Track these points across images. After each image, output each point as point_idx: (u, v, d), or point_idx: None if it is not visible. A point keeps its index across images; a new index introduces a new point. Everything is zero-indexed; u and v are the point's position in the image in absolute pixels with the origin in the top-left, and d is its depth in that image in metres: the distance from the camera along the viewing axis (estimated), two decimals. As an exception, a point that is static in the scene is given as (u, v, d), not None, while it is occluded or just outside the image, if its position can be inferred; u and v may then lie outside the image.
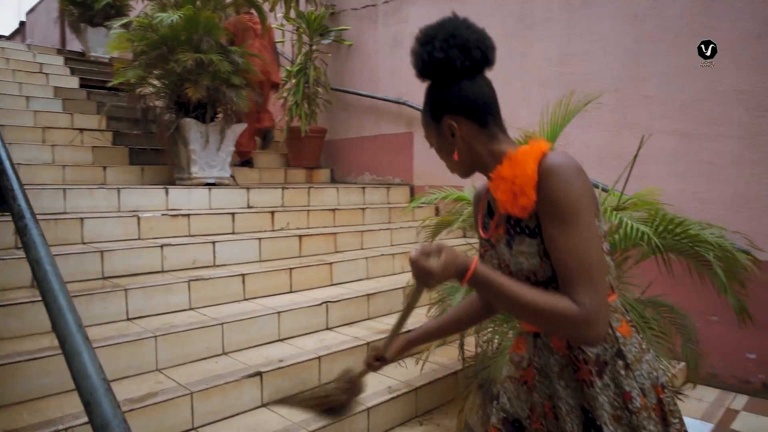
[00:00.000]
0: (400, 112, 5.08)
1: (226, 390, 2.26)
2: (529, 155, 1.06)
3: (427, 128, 1.23)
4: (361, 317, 3.15)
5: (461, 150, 1.16)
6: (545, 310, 0.98)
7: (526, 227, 1.10)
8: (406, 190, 5.02)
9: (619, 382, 1.08)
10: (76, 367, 1.03)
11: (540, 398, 1.19)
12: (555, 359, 1.14)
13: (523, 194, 1.04)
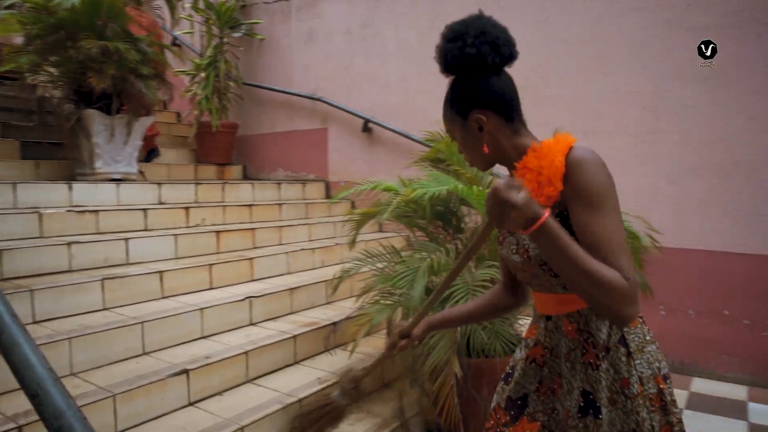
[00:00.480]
0: (314, 107, 5.08)
1: (151, 390, 2.16)
2: (557, 148, 1.12)
3: (452, 123, 1.24)
4: (284, 312, 3.13)
5: (488, 143, 1.20)
6: (599, 275, 1.00)
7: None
8: (322, 186, 5.02)
9: (619, 368, 1.17)
10: (18, 358, 0.97)
11: (551, 374, 1.27)
12: (564, 342, 1.23)
13: (549, 184, 1.10)
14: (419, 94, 4.53)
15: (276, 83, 5.27)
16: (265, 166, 5.46)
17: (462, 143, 1.25)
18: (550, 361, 1.28)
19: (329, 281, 3.41)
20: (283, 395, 2.39)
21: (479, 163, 1.27)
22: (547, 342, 1.28)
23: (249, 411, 2.23)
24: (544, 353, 1.29)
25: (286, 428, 2.30)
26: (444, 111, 1.26)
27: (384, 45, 4.68)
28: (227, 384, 2.45)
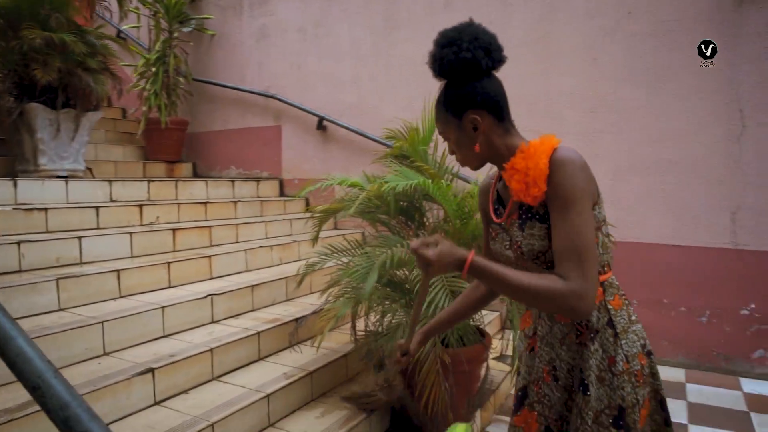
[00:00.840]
0: (267, 105, 5.05)
1: (117, 390, 2.12)
2: (541, 150, 1.20)
3: (446, 124, 1.31)
4: (246, 309, 3.11)
5: (482, 143, 1.27)
6: (535, 288, 1.11)
7: (536, 213, 1.24)
8: (276, 183, 5.00)
9: (606, 348, 1.26)
10: (14, 351, 0.96)
11: (540, 363, 1.35)
12: (558, 327, 1.31)
13: (535, 185, 1.18)
14: (373, 93, 4.59)
15: (228, 80, 5.21)
16: (216, 163, 5.38)
17: (456, 143, 1.31)
18: (541, 350, 1.36)
19: (289, 278, 3.43)
20: (250, 391, 2.39)
21: (472, 162, 1.33)
22: (539, 330, 1.37)
23: (218, 408, 2.22)
24: (537, 341, 1.37)
25: (255, 424, 2.31)
26: (437, 113, 1.33)
27: (338, 44, 4.72)
28: (193, 382, 2.43)
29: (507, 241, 1.33)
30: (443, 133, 1.34)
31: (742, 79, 3.44)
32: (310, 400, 2.66)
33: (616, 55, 3.79)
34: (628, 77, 3.76)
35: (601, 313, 1.29)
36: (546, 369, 1.35)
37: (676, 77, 3.64)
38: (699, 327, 3.61)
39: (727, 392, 3.28)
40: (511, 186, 1.24)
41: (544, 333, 1.35)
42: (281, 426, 2.41)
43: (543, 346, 1.36)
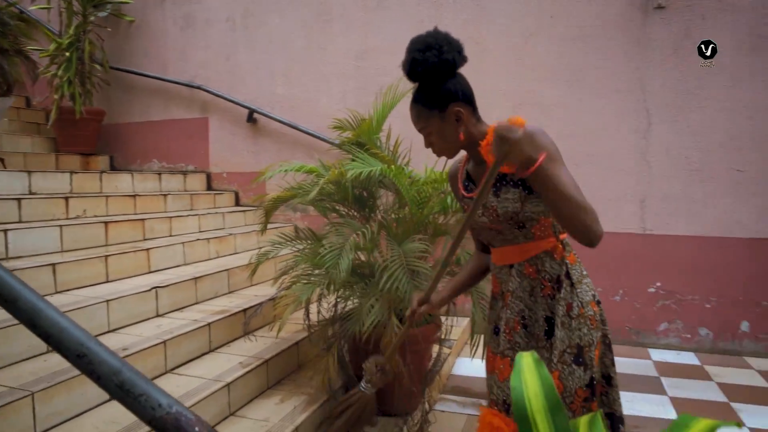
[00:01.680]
0: (193, 96, 4.89)
1: (72, 387, 2.02)
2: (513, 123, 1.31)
3: (428, 119, 1.48)
4: (190, 302, 3.03)
5: (463, 132, 1.46)
6: (581, 199, 1.27)
7: (510, 180, 1.43)
8: (203, 177, 4.86)
9: (565, 296, 1.44)
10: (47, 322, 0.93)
11: (511, 314, 1.51)
12: (527, 281, 1.48)
13: None
14: (306, 86, 4.60)
15: (149, 69, 4.98)
16: (136, 157, 5.13)
17: (439, 134, 1.49)
18: (512, 303, 1.52)
19: (231, 270, 3.38)
20: (209, 381, 2.35)
21: (451, 151, 1.52)
22: (510, 287, 1.53)
23: (179, 399, 2.17)
24: (509, 296, 1.53)
25: (217, 413, 2.28)
26: (417, 111, 1.50)
27: (269, 36, 4.67)
28: (147, 375, 2.34)
29: (481, 210, 1.51)
30: (424, 129, 1.51)
31: (649, 81, 3.84)
32: (267, 388, 2.65)
33: (538, 55, 4.07)
34: (549, 76, 4.06)
35: (561, 266, 1.48)
36: (516, 319, 1.51)
37: (592, 78, 3.98)
38: (613, 305, 3.98)
39: (640, 362, 3.66)
40: (488, 159, 1.37)
41: (515, 287, 1.52)
42: (242, 414, 2.39)
43: (513, 299, 1.52)
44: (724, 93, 3.71)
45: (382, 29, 4.38)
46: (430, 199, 2.39)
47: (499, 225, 1.48)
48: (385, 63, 4.38)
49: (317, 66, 4.56)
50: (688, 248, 3.84)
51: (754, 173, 3.70)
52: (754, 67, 3.68)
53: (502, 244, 1.53)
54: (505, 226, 1.48)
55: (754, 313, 3.75)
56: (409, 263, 2.11)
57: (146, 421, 0.82)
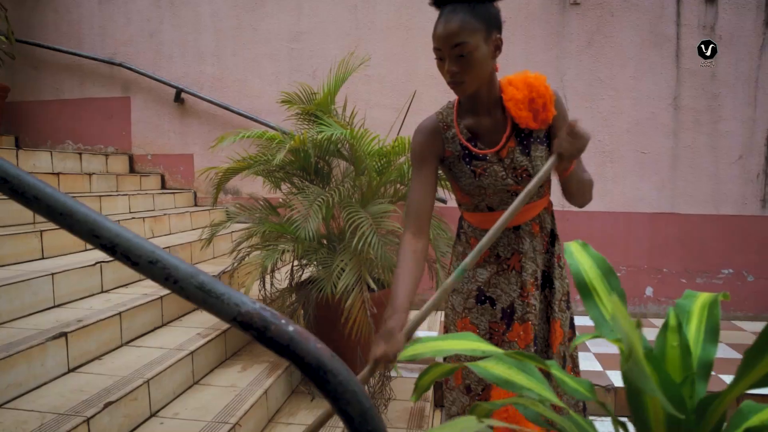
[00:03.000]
0: (112, 74, 4.64)
1: (31, 356, 1.91)
2: (540, 80, 1.39)
3: (473, 34, 1.28)
4: (134, 278, 2.92)
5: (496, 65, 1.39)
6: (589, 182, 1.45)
7: (537, 137, 1.43)
8: (125, 159, 4.62)
9: (556, 250, 1.56)
10: (112, 232, 0.93)
11: (527, 276, 1.49)
12: (537, 240, 1.51)
13: (545, 110, 1.38)
14: (237, 66, 4.53)
15: (61, 43, 4.64)
16: (47, 137, 4.76)
17: (473, 58, 1.30)
18: (526, 265, 1.49)
19: (172, 247, 3.28)
20: (172, 350, 2.30)
21: (473, 83, 1.35)
22: (521, 247, 1.50)
23: (145, 367, 2.12)
24: (520, 258, 1.50)
25: (183, 382, 2.24)
26: (460, 20, 1.28)
27: (197, 14, 4.54)
28: (104, 348, 2.26)
29: (503, 171, 1.43)
30: (460, 45, 1.28)
31: (566, 70, 4.20)
32: (225, 359, 2.63)
33: (466, 43, 4.30)
34: (477, 64, 4.30)
35: (553, 220, 1.58)
36: (531, 281, 1.49)
37: (513, 67, 4.27)
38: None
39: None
40: (519, 115, 1.39)
41: (526, 248, 1.49)
42: (207, 382, 2.37)
43: (526, 261, 1.49)
44: (630, 83, 4.15)
45: (315, 12, 4.42)
46: (390, 167, 2.49)
47: (522, 185, 1.41)
48: (319, 45, 4.43)
49: (248, 46, 4.51)
50: (600, 223, 4.24)
51: (654, 155, 4.17)
52: (654, 61, 4.15)
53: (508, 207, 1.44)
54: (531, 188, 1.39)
55: (656, 279, 4.23)
56: (377, 224, 2.20)
57: (230, 319, 0.85)
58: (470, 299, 1.55)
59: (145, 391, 2.00)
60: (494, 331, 1.55)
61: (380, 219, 2.25)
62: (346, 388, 0.84)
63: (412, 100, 3.48)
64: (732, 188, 4.17)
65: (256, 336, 0.87)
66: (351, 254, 2.23)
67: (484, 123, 1.46)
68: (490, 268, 1.53)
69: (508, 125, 1.44)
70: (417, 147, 1.52)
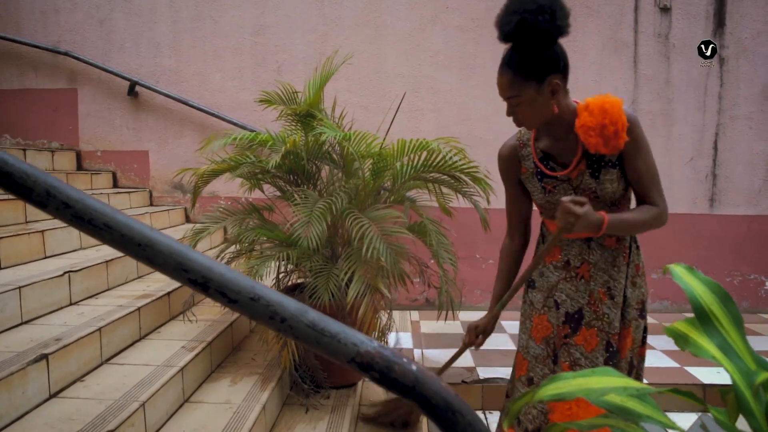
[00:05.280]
0: (57, 63, 4.28)
1: (12, 384, 1.71)
2: (615, 107, 1.40)
3: (523, 88, 1.39)
4: (102, 288, 2.71)
5: (556, 104, 1.43)
6: (649, 220, 1.46)
7: (608, 161, 1.47)
8: (72, 155, 4.29)
9: (634, 259, 1.60)
10: (201, 265, 0.83)
11: (596, 286, 1.56)
12: (609, 252, 1.55)
13: (617, 137, 1.40)
14: (196, 60, 4.30)
15: (-3, 28, 4.24)
16: (-20, 131, 4.35)
17: (530, 106, 1.41)
18: (595, 275, 1.58)
19: (140, 253, 3.07)
20: (160, 368, 2.15)
21: (535, 123, 1.48)
22: (591, 258, 1.58)
23: (136, 388, 1.96)
24: (590, 268, 1.58)
25: (174, 401, 2.10)
26: (509, 78, 1.40)
27: (152, 2, 4.26)
28: (84, 368, 2.07)
29: (571, 190, 1.54)
30: (514, 98, 1.42)
31: (532, 71, 4.26)
32: (211, 372, 2.49)
33: (435, 43, 4.30)
34: (444, 63, 4.31)
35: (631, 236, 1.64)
36: (602, 291, 1.58)
37: (482, 67, 4.31)
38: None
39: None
40: (588, 141, 1.44)
41: (596, 260, 1.58)
42: (198, 399, 2.23)
43: (596, 271, 1.58)
44: (592, 87, 4.27)
45: (280, 5, 4.26)
46: (387, 170, 2.44)
47: (596, 205, 1.51)
48: (284, 40, 4.28)
49: (209, 39, 4.29)
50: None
51: (614, 156, 4.33)
52: (614, 66, 4.30)
53: None
54: (597, 205, 1.51)
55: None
56: (383, 230, 2.14)
57: (347, 360, 0.78)
58: (550, 298, 1.66)
59: (141, 416, 1.85)
60: (559, 332, 1.65)
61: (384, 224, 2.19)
62: (475, 428, 0.79)
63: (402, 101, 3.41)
64: (684, 188, 4.40)
65: (378, 378, 0.80)
66: (356, 262, 2.15)
67: (558, 145, 1.56)
68: (558, 273, 1.64)
69: (579, 149, 1.51)
70: (501, 166, 1.74)
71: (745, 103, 4.35)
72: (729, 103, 4.36)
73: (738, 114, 4.36)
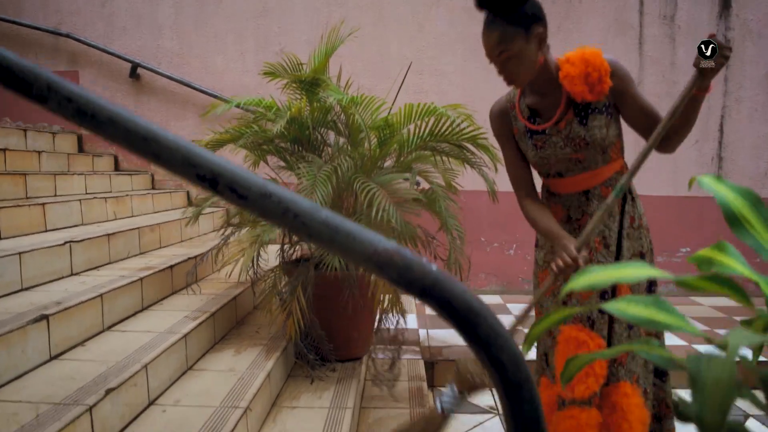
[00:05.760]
0: (58, 45, 4.25)
1: (11, 342, 1.68)
2: (593, 55, 1.43)
3: (513, 40, 1.41)
4: (103, 261, 2.67)
5: (543, 55, 1.45)
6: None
7: (595, 108, 1.49)
8: (74, 138, 4.26)
9: (629, 210, 1.59)
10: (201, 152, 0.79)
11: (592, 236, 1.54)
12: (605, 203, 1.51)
13: (601, 82, 1.43)
14: (199, 42, 4.27)
15: (-2, 10, 4.21)
16: (-20, 114, 4.31)
17: (519, 58, 1.43)
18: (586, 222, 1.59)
19: (142, 228, 3.04)
20: (162, 334, 2.11)
21: (526, 77, 1.48)
22: (589, 210, 1.59)
23: (138, 351, 1.92)
24: (589, 219, 1.58)
25: (177, 368, 2.06)
26: (498, 33, 1.42)
27: (153, -17, 4.24)
28: (86, 334, 2.04)
29: (561, 141, 1.56)
30: (504, 52, 1.43)
31: (536, 53, 4.23)
32: (215, 342, 2.46)
33: (438, 24, 4.27)
34: (447, 45, 4.27)
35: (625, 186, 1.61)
36: (597, 239, 1.59)
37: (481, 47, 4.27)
38: (508, 259, 4.34)
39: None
40: (574, 90, 1.47)
41: (594, 210, 1.59)
42: (202, 367, 2.19)
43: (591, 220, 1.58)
44: (597, 68, 4.24)
45: (283, -13, 4.23)
46: (394, 136, 2.40)
47: (582, 153, 1.55)
48: (287, 22, 4.25)
49: (211, 21, 4.26)
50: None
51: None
52: (619, 48, 4.26)
53: (579, 172, 1.59)
54: (588, 153, 1.55)
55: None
56: (391, 193, 2.10)
57: (364, 259, 0.74)
58: (550, 254, 1.68)
59: (143, 377, 1.81)
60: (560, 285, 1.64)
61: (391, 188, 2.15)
62: (498, 333, 0.74)
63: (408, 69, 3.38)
64: (689, 171, 4.36)
65: (396, 278, 0.75)
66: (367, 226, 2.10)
67: (544, 100, 1.58)
68: (563, 227, 1.65)
69: (563, 100, 1.54)
70: (494, 129, 1.75)
71: (750, 85, 4.32)
72: (735, 86, 4.32)
73: (743, 96, 4.33)
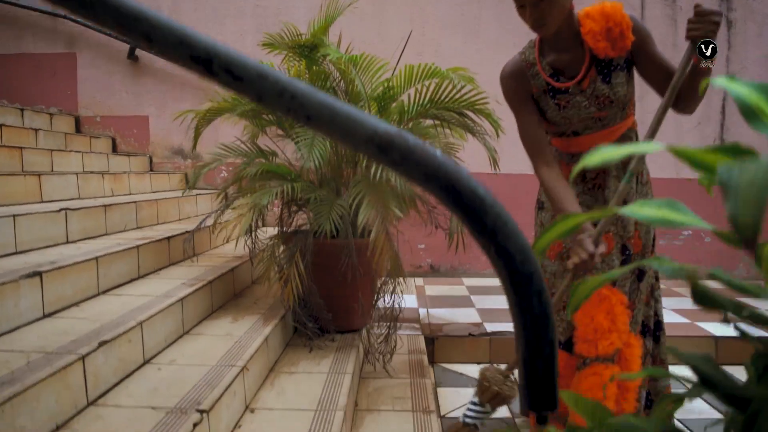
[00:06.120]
0: (55, 27, 4.22)
1: (4, 295, 1.64)
2: (615, 11, 1.41)
3: None
4: (100, 231, 2.64)
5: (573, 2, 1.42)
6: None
7: (617, 64, 1.46)
8: (71, 120, 4.23)
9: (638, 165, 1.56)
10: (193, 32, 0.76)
11: (609, 192, 1.58)
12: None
13: (623, 38, 1.41)
14: (196, 23, 4.23)
15: (-7, -10, 4.18)
16: (-23, 95, 4.28)
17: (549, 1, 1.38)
18: (608, 181, 1.59)
19: (139, 203, 3.01)
20: (159, 297, 2.08)
21: (552, 24, 1.43)
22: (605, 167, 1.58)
23: (134, 311, 1.89)
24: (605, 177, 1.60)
25: (173, 330, 2.02)
26: None
27: (151, -37, 4.21)
28: (81, 295, 2.00)
29: (585, 101, 1.53)
30: None
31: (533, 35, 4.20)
32: (212, 311, 2.42)
33: (439, 6, 4.24)
34: (448, 26, 4.25)
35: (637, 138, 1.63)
36: (602, 196, 1.61)
37: (485, 30, 4.25)
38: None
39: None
40: (597, 47, 1.44)
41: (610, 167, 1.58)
42: (198, 332, 2.16)
43: (610, 178, 1.61)
44: (598, 48, 4.22)
45: (282, -33, 4.21)
46: (393, 100, 2.37)
47: (606, 111, 1.53)
48: (286, 4, 4.23)
49: (210, 1, 4.24)
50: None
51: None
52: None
53: (598, 130, 1.58)
54: (611, 111, 1.53)
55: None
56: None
57: (364, 140, 0.70)
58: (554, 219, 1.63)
59: (138, 334, 1.78)
60: None
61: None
62: (505, 221, 0.71)
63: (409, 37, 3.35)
64: (692, 154, 4.32)
65: (398, 161, 0.71)
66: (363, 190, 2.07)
67: (565, 57, 1.54)
68: (577, 187, 1.64)
69: (586, 57, 1.50)
70: (509, 91, 1.64)
71: (753, 65, 4.29)
72: (737, 66, 4.30)
73: (746, 77, 4.29)
